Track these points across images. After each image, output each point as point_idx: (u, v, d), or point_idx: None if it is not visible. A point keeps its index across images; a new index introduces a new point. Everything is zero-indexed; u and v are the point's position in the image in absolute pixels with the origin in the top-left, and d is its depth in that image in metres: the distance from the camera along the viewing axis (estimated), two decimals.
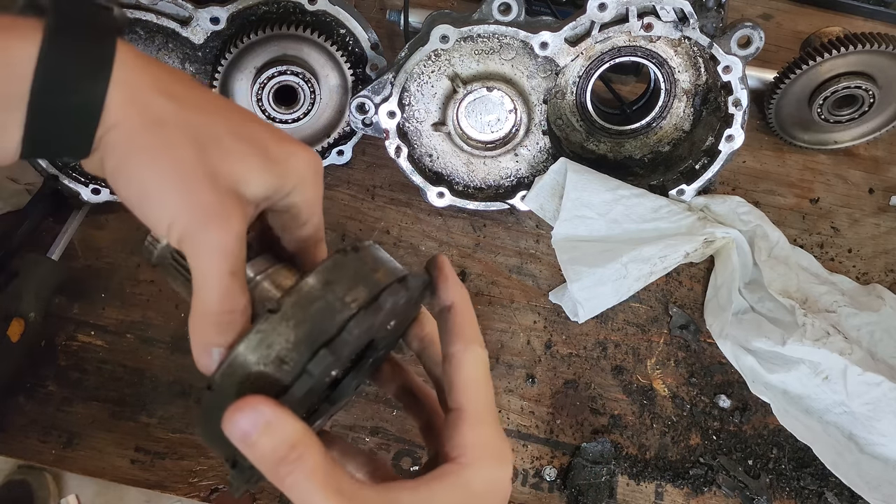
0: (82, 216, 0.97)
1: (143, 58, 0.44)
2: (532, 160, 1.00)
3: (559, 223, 0.95)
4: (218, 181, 0.43)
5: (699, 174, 0.99)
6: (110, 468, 0.82)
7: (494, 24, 0.88)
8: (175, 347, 0.90)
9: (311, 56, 0.95)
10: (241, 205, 0.44)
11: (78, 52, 0.40)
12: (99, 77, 0.41)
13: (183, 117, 0.44)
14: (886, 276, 1.06)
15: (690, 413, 0.92)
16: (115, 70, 0.41)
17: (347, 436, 0.86)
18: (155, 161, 0.43)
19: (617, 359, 0.95)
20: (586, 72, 0.97)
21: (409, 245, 1.00)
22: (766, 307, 0.96)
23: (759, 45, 0.88)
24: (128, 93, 0.42)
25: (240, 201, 0.44)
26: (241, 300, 0.45)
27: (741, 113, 0.93)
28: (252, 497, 0.82)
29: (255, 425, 0.39)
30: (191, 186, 0.43)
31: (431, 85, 0.94)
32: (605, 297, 0.94)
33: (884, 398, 0.87)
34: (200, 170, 0.43)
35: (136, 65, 0.43)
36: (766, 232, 1.00)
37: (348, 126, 1.00)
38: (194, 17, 0.88)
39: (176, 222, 0.43)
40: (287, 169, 0.47)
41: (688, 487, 0.87)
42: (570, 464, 0.86)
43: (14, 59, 0.39)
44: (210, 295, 0.44)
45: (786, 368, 0.90)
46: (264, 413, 0.39)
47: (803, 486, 0.88)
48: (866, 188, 1.13)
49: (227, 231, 0.43)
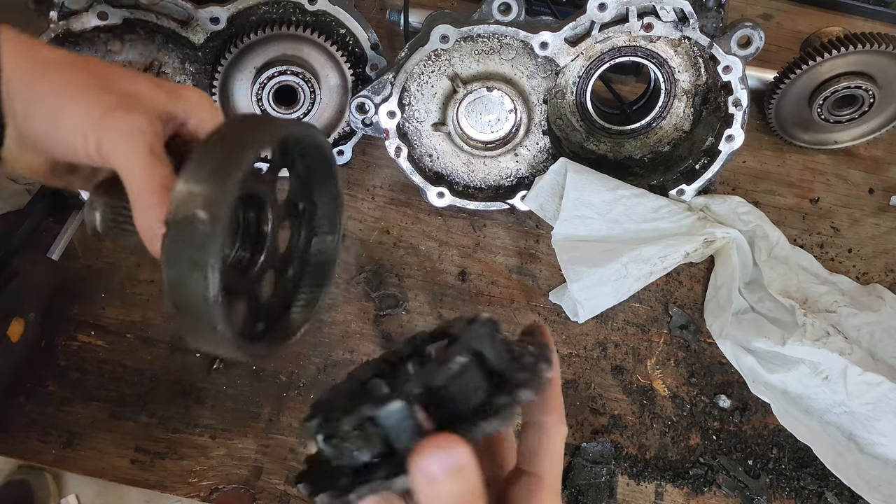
0: (82, 216, 0.97)
1: (26, 37, 0.51)
2: (532, 160, 1.00)
3: (559, 223, 0.95)
4: (114, 90, 0.49)
5: (699, 174, 0.99)
6: (110, 468, 0.82)
7: (494, 24, 0.88)
8: (175, 347, 0.90)
9: (311, 56, 0.95)
10: (142, 106, 0.49)
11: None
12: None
13: (71, 59, 0.51)
14: (886, 276, 1.06)
15: (690, 413, 0.92)
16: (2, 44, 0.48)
17: None
18: (55, 88, 0.49)
19: (617, 359, 0.95)
20: (586, 72, 0.97)
21: (409, 245, 1.00)
22: (766, 307, 0.96)
23: (759, 45, 0.88)
24: (15, 56, 0.49)
25: (140, 102, 0.49)
26: (169, 175, 0.48)
27: (741, 113, 0.93)
28: (252, 497, 0.82)
29: (446, 467, 0.36)
30: (91, 95, 0.49)
31: (431, 85, 0.94)
32: (605, 298, 0.94)
33: (884, 398, 0.87)
34: (97, 84, 0.49)
35: (18, 38, 0.50)
36: (766, 232, 1.00)
37: (348, 126, 1.00)
38: (194, 17, 0.88)
39: (88, 131, 0.47)
40: (179, 94, 0.52)
41: (688, 487, 0.87)
42: (570, 464, 0.86)
43: None
44: (138, 177, 0.47)
45: (786, 368, 0.90)
46: (459, 455, 0.36)
47: (803, 486, 0.88)
48: (866, 188, 1.13)
49: (133, 116, 0.48)
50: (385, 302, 0.95)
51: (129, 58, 0.90)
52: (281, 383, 0.88)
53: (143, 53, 0.90)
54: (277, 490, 0.82)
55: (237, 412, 0.86)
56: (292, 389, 0.88)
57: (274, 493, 0.82)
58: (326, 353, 0.91)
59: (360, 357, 0.91)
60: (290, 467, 0.84)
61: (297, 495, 0.82)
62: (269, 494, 0.82)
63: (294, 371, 0.89)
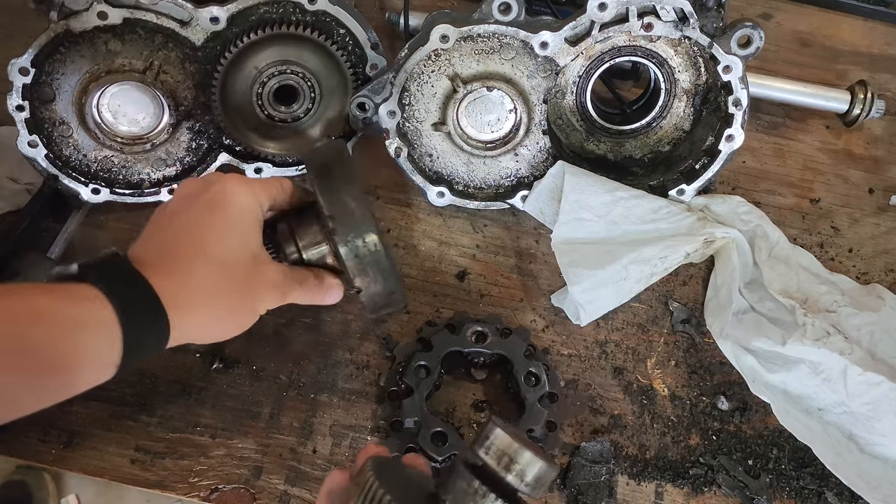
0: (82, 216, 0.97)
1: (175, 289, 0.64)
2: (532, 160, 1.00)
3: (558, 226, 0.95)
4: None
5: (699, 174, 0.99)
6: (110, 468, 0.82)
7: (494, 23, 0.88)
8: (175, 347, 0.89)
9: (310, 56, 0.95)
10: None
11: (145, 329, 0.61)
12: (161, 334, 0.63)
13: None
14: (886, 276, 1.06)
15: (690, 413, 0.92)
16: (168, 320, 0.62)
17: (347, 435, 0.86)
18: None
19: (617, 359, 0.95)
20: (586, 72, 0.97)
21: (409, 245, 1.00)
22: (766, 307, 0.96)
23: (759, 44, 0.88)
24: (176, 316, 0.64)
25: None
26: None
27: (741, 113, 0.93)
28: (252, 497, 0.82)
29: None
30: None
31: (431, 85, 0.94)
32: (606, 300, 0.93)
33: (884, 398, 0.87)
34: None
35: (175, 304, 0.63)
36: (766, 232, 1.00)
37: (348, 126, 1.00)
38: (194, 17, 0.88)
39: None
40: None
41: (688, 487, 0.87)
42: (570, 463, 0.86)
43: (104, 320, 0.58)
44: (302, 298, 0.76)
45: (786, 368, 0.90)
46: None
47: (803, 486, 0.88)
48: (866, 188, 1.13)
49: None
50: None
51: (129, 58, 0.90)
52: (281, 383, 0.88)
53: (143, 53, 0.90)
54: (277, 490, 0.82)
55: (237, 412, 0.86)
56: (292, 389, 0.88)
57: (274, 493, 0.82)
58: (326, 353, 0.91)
59: (361, 357, 0.91)
60: (290, 467, 0.84)
61: (298, 495, 0.82)
62: (269, 494, 0.82)
63: (294, 371, 0.89)
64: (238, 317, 0.70)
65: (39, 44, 0.85)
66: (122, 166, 0.97)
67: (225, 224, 0.68)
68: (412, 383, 0.84)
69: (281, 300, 0.72)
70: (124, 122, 0.92)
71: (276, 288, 0.71)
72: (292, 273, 0.73)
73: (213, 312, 0.67)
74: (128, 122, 0.92)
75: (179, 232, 0.67)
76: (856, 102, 1.09)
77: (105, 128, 0.91)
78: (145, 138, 0.93)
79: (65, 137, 0.93)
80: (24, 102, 0.88)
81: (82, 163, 0.95)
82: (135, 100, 0.90)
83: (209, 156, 0.98)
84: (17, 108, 0.88)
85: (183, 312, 0.63)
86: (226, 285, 0.67)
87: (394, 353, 0.91)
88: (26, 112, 0.88)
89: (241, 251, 0.68)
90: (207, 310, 0.66)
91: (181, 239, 0.67)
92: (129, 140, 0.93)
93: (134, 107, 0.91)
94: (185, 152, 0.98)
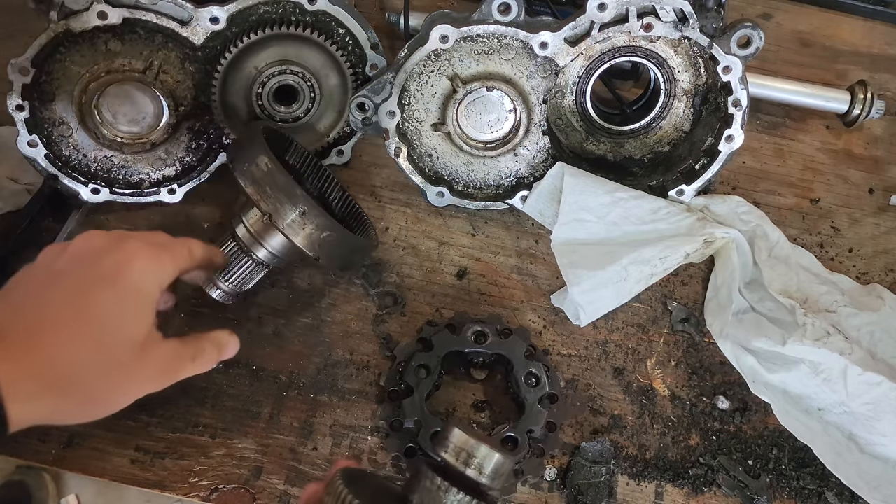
0: (82, 216, 0.97)
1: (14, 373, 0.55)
2: (532, 160, 1.00)
3: (558, 227, 0.95)
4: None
5: (699, 174, 0.99)
6: (110, 468, 0.82)
7: (494, 24, 0.88)
8: None
9: (310, 56, 0.95)
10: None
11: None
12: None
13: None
14: (886, 275, 1.06)
15: (690, 413, 0.92)
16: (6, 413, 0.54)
17: (347, 435, 0.86)
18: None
19: (617, 359, 0.95)
20: (586, 72, 0.97)
21: (409, 245, 1.00)
22: (766, 307, 0.96)
23: (759, 45, 0.88)
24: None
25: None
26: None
27: (741, 113, 0.93)
28: (252, 497, 0.82)
29: None
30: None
31: (431, 85, 0.94)
32: (606, 300, 0.93)
33: (884, 398, 0.87)
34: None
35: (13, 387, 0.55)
36: (766, 232, 1.00)
37: (348, 126, 1.00)
38: (194, 17, 0.88)
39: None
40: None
41: (688, 487, 0.87)
42: (570, 463, 0.86)
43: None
44: None
45: (786, 368, 0.90)
46: None
47: (803, 486, 0.88)
48: (866, 188, 1.13)
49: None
50: (385, 301, 0.95)
51: (129, 57, 0.90)
52: (281, 383, 0.88)
53: (143, 53, 0.90)
54: (277, 490, 0.82)
55: (237, 412, 0.86)
56: (292, 389, 0.88)
57: (274, 493, 0.82)
58: (326, 353, 0.91)
59: (360, 357, 0.91)
60: (290, 467, 0.84)
61: (297, 495, 0.82)
62: (269, 494, 0.82)
63: (294, 371, 0.89)
64: (103, 406, 0.62)
65: (39, 44, 0.85)
66: (121, 166, 0.97)
67: (116, 301, 0.61)
68: (412, 383, 0.84)
69: (166, 383, 0.66)
70: (124, 121, 0.92)
71: (161, 373, 0.65)
72: (184, 349, 0.68)
73: (72, 401, 0.59)
74: (128, 121, 0.92)
75: (57, 300, 0.60)
76: (856, 102, 1.09)
77: (105, 127, 0.91)
78: (145, 138, 0.93)
79: (64, 137, 0.93)
80: (23, 102, 0.88)
81: (82, 162, 0.95)
82: (135, 100, 0.90)
83: (209, 155, 0.98)
84: (17, 108, 0.88)
85: (29, 404, 0.56)
86: (96, 371, 0.60)
87: (394, 353, 0.91)
88: (26, 112, 0.88)
89: (128, 334, 0.62)
90: (64, 397, 0.58)
91: (58, 309, 0.59)
92: (129, 140, 0.93)
93: (134, 106, 0.91)
94: (185, 152, 0.98)
